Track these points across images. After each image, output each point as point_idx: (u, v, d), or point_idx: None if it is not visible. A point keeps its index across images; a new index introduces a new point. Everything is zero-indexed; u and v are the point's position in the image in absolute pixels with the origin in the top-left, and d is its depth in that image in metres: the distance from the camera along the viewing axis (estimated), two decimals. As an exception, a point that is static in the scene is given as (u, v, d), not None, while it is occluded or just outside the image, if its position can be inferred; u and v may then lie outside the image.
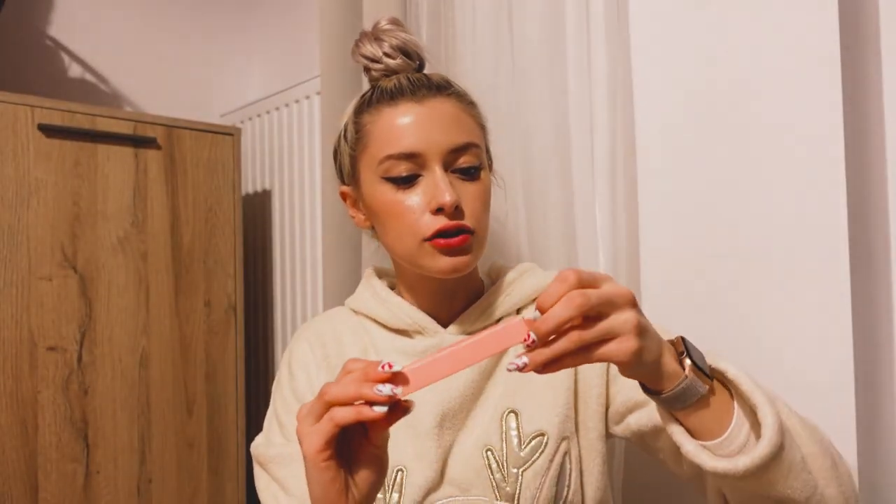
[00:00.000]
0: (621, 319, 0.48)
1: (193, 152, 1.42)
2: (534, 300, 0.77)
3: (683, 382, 0.51)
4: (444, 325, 0.75)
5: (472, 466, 0.67)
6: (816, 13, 0.74)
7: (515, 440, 0.68)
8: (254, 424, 1.66)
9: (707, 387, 0.52)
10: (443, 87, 0.72)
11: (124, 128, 1.31)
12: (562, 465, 0.68)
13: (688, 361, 0.52)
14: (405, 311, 0.75)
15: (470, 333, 0.74)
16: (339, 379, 0.51)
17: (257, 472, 0.72)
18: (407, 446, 0.69)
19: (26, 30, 1.57)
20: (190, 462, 1.39)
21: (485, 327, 0.75)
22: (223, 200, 1.46)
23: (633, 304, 0.49)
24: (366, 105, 0.73)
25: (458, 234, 0.68)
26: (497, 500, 0.66)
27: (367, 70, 0.76)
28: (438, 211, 0.67)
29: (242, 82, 1.93)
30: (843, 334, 0.73)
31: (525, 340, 0.48)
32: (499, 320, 0.76)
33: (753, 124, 0.81)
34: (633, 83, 0.92)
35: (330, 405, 0.49)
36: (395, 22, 0.75)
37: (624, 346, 0.48)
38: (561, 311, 0.47)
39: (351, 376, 0.50)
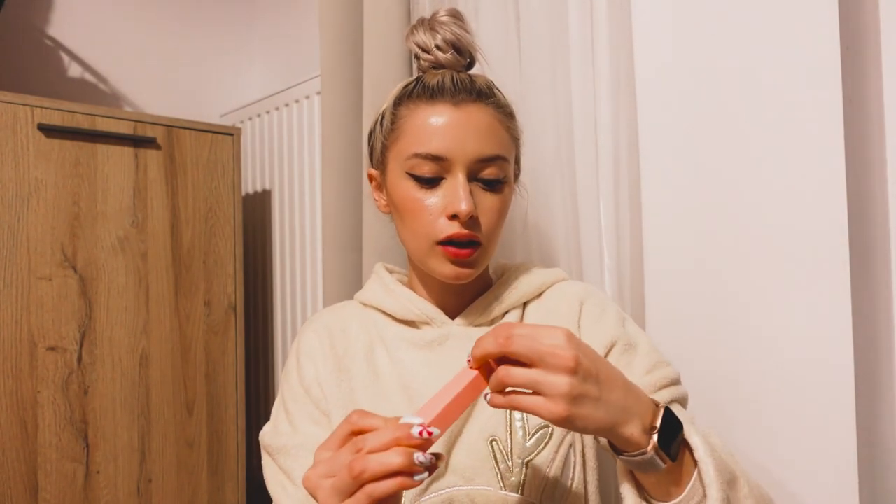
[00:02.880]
0: (549, 380, 0.48)
1: (193, 152, 1.42)
2: (538, 295, 0.78)
3: (642, 456, 0.52)
4: (452, 317, 0.77)
5: (477, 456, 0.67)
6: (816, 13, 0.75)
7: (521, 432, 0.69)
8: (254, 424, 1.66)
9: (665, 465, 0.52)
10: (484, 94, 0.71)
11: (124, 128, 1.31)
12: (566, 457, 0.69)
13: (654, 439, 0.52)
14: (414, 302, 0.77)
15: (476, 326, 0.76)
16: (344, 439, 0.49)
17: (265, 460, 0.73)
18: None
19: (26, 30, 1.57)
20: (190, 462, 1.39)
21: (491, 321, 0.76)
22: (223, 200, 1.46)
23: (572, 371, 0.48)
24: (405, 97, 0.73)
25: (467, 247, 0.69)
26: (502, 489, 0.66)
27: (416, 57, 0.76)
28: (453, 217, 0.68)
29: (242, 82, 1.93)
30: (843, 334, 0.73)
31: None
32: (505, 314, 0.77)
33: (754, 124, 0.81)
34: (636, 85, 0.92)
35: (364, 483, 0.46)
36: (454, 15, 0.74)
37: (551, 408, 0.48)
38: (484, 341, 0.49)
39: (376, 440, 0.47)
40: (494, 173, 0.70)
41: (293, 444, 0.70)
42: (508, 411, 0.69)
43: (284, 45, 1.84)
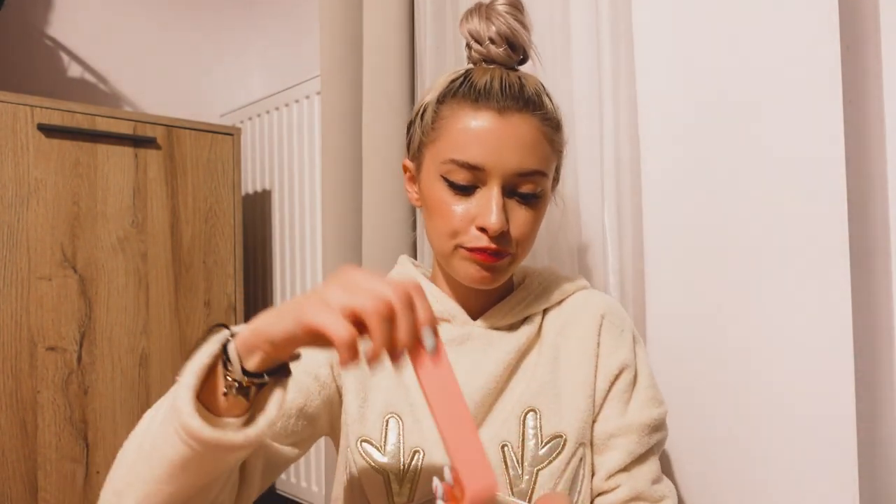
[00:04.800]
0: None
1: (193, 152, 1.42)
2: (559, 302, 0.77)
3: None
4: (473, 318, 0.75)
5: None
6: (816, 13, 0.75)
7: (533, 440, 0.68)
8: (254, 424, 1.65)
9: None
10: (531, 104, 0.67)
11: (124, 128, 1.31)
12: (577, 470, 0.68)
13: None
14: (437, 297, 0.75)
15: (497, 328, 0.74)
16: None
17: None
18: (427, 431, 0.69)
19: (26, 30, 1.57)
20: (190, 462, 1.39)
21: (511, 325, 0.75)
22: (223, 200, 1.46)
23: None
24: (450, 95, 0.69)
25: (494, 255, 0.68)
26: (510, 496, 0.66)
27: (467, 46, 0.72)
28: (482, 229, 0.67)
29: (242, 82, 1.93)
30: (843, 334, 0.73)
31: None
32: (525, 319, 0.75)
33: (754, 124, 0.81)
34: (637, 84, 0.93)
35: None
36: (513, 4, 0.70)
37: None
38: None
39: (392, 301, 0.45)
40: (530, 188, 0.68)
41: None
42: (522, 418, 0.69)
43: (284, 44, 1.84)
